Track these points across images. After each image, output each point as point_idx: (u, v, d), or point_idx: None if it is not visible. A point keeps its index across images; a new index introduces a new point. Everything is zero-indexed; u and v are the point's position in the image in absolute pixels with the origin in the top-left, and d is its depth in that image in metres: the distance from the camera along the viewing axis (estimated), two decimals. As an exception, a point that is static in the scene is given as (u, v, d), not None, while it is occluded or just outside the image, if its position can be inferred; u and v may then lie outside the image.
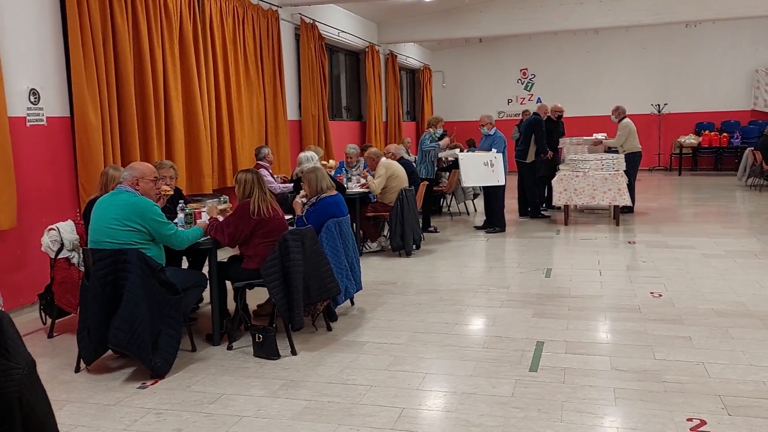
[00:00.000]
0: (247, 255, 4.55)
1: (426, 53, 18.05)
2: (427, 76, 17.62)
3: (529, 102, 17.49)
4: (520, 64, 18.12)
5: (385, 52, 14.69)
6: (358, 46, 13.05)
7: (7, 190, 5.10)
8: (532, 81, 18.11)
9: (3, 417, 2.35)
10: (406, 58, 16.12)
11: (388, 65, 14.70)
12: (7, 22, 5.22)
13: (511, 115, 17.36)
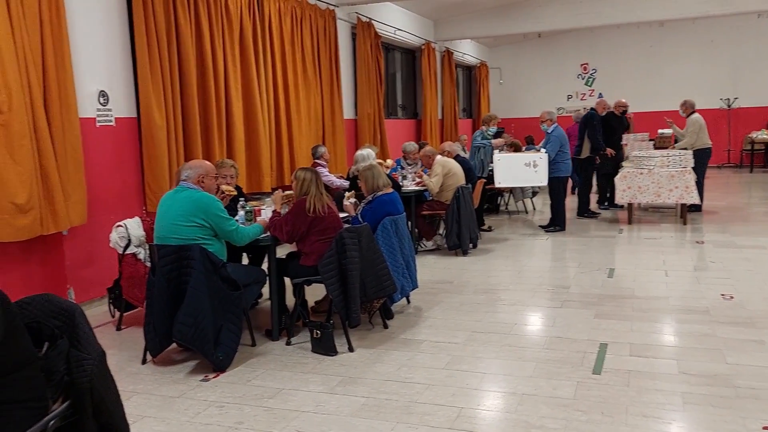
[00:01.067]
0: (305, 252, 4.60)
1: (483, 50, 17.86)
2: (483, 72, 17.44)
3: (590, 98, 17.06)
4: (580, 58, 17.71)
5: (442, 49, 14.61)
6: (414, 43, 13.02)
7: (79, 188, 5.31)
8: (594, 76, 17.67)
9: (76, 405, 2.44)
10: (462, 55, 15.99)
11: (444, 62, 14.62)
12: (79, 28, 5.43)
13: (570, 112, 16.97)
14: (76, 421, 2.45)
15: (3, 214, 4.68)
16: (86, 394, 2.43)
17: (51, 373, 2.43)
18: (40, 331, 2.52)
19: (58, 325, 2.53)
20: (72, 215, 5.25)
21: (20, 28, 4.76)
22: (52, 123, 5.06)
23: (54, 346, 2.48)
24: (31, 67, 4.86)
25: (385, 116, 11.29)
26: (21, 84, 4.76)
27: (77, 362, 2.46)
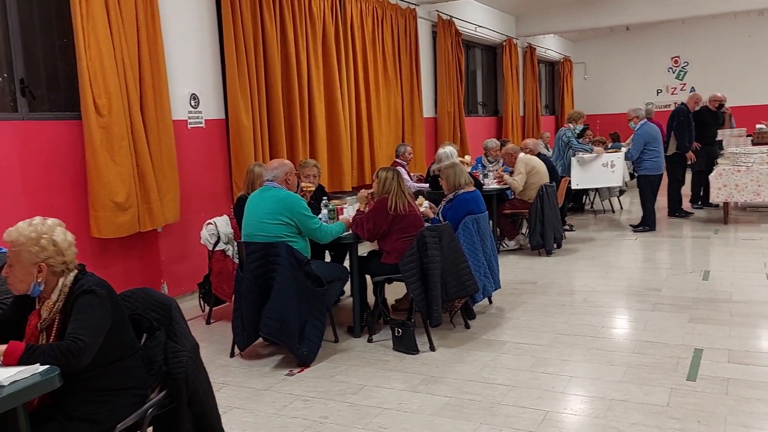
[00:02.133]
0: (386, 250, 4.62)
1: (567, 44, 17.38)
2: (567, 68, 16.98)
3: (682, 92, 16.27)
4: (671, 51, 16.91)
5: (524, 45, 14.33)
6: (495, 40, 12.84)
7: (173, 187, 5.56)
8: (685, 69, 16.84)
9: (172, 394, 2.56)
10: (545, 51, 15.63)
11: (526, 58, 14.33)
12: (172, 33, 5.68)
13: (660, 107, 16.24)
14: (172, 409, 2.57)
15: (105, 212, 4.96)
16: (182, 384, 2.54)
17: (150, 363, 2.56)
18: (140, 323, 2.67)
19: (157, 317, 2.66)
20: (166, 213, 5.51)
21: (119, 35, 5.03)
22: (147, 125, 5.33)
23: (153, 338, 2.62)
24: (129, 73, 5.13)
25: (465, 114, 11.20)
26: (120, 88, 5.03)
27: (173, 353, 2.58)
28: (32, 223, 2.34)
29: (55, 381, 2.07)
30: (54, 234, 2.34)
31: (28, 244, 2.29)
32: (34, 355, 2.11)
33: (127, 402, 2.41)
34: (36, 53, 4.92)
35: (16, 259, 2.30)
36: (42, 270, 2.31)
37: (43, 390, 2.07)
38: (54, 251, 2.31)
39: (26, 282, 2.31)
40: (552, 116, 16.91)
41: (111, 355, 2.35)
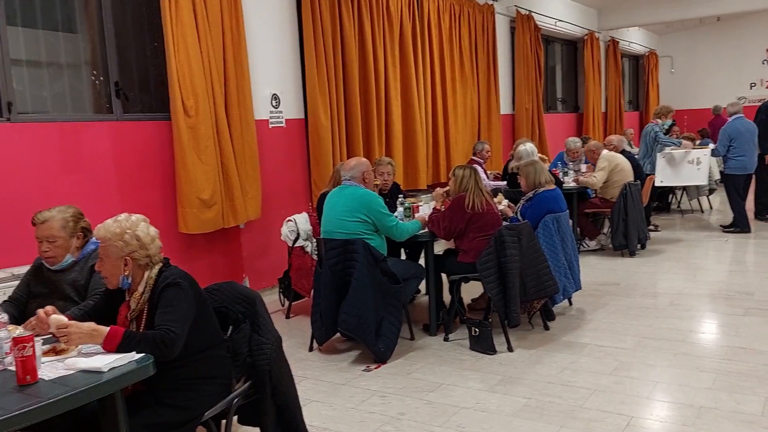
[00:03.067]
0: (463, 249, 4.59)
1: (652, 38, 16.69)
2: (652, 62, 16.31)
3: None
4: (766, 42, 15.92)
5: (606, 39, 13.87)
6: (576, 34, 12.49)
7: (255, 185, 5.74)
8: (782, 61, 15.81)
9: (256, 385, 2.64)
10: (629, 44, 15.07)
11: (608, 53, 13.87)
12: (254, 35, 5.85)
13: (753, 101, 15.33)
14: (256, 399, 2.65)
15: (192, 208, 5.18)
16: (265, 375, 2.62)
17: (235, 355, 2.66)
18: (226, 316, 2.77)
19: (242, 310, 2.76)
20: (249, 210, 5.69)
21: (206, 38, 5.23)
22: (231, 125, 5.51)
23: (238, 330, 2.71)
24: (215, 74, 5.32)
25: (544, 110, 10.96)
26: (206, 90, 5.23)
27: (258, 346, 2.67)
28: (117, 219, 2.48)
29: (149, 369, 2.19)
30: (137, 229, 2.46)
31: (113, 239, 2.42)
32: (132, 342, 2.23)
33: (214, 391, 2.51)
34: (129, 57, 5.18)
35: (105, 254, 2.44)
36: (128, 263, 2.43)
37: (138, 377, 2.18)
38: (137, 245, 2.43)
39: (116, 275, 2.44)
40: (636, 112, 16.29)
41: (196, 346, 2.45)
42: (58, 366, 2.14)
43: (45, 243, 2.89)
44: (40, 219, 2.91)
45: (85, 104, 5.01)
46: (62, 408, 1.94)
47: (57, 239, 2.89)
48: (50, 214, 2.92)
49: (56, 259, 2.91)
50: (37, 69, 4.70)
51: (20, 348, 1.98)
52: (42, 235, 2.89)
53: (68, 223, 2.92)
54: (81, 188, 4.61)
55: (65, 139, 4.58)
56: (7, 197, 4.21)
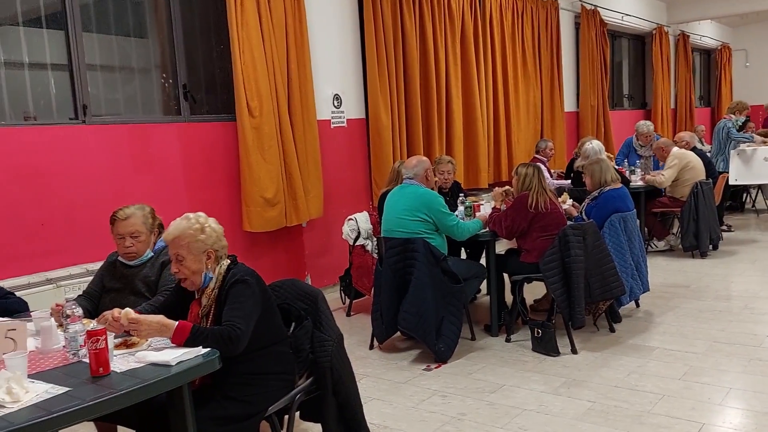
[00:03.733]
0: (525, 249, 4.51)
1: (725, 31, 15.97)
2: (725, 56, 15.60)
3: None
4: None
5: (675, 33, 13.36)
6: (643, 29, 12.09)
7: (317, 184, 5.81)
8: None
9: (318, 382, 2.67)
10: (700, 38, 14.47)
11: (678, 47, 13.36)
12: (317, 36, 5.92)
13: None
14: (317, 396, 2.68)
15: (256, 207, 5.29)
16: (327, 372, 2.65)
17: (298, 351, 2.69)
18: (289, 312, 2.81)
19: (304, 307, 2.79)
20: (311, 209, 5.77)
21: (270, 40, 5.33)
22: (294, 125, 5.60)
23: (300, 326, 2.75)
24: (278, 76, 5.42)
25: (609, 107, 10.66)
26: (270, 91, 5.33)
27: (320, 342, 2.70)
28: (188, 217, 2.54)
29: (215, 363, 2.24)
30: (212, 223, 2.54)
31: (195, 234, 2.48)
32: (199, 337, 2.29)
33: (277, 386, 2.55)
34: (196, 60, 5.34)
35: (187, 252, 2.46)
36: (210, 257, 2.49)
37: (205, 371, 2.23)
38: (217, 237, 2.51)
39: (199, 272, 2.48)
40: (707, 108, 15.63)
41: (261, 341, 2.50)
42: (129, 359, 2.22)
43: (128, 239, 2.94)
44: (122, 216, 2.96)
45: (155, 106, 5.19)
46: (133, 399, 2.00)
47: (140, 234, 2.95)
48: (131, 211, 2.98)
49: (138, 255, 2.97)
50: (111, 73, 4.90)
51: (94, 341, 2.06)
52: (125, 231, 2.94)
53: (148, 219, 3.01)
54: (151, 188, 4.78)
55: (136, 140, 4.75)
56: (82, 197, 4.41)
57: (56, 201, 4.28)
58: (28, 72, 4.39)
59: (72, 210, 4.36)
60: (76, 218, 4.37)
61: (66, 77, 4.47)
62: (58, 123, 4.41)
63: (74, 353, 2.26)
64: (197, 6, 5.33)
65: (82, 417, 1.92)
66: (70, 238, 4.33)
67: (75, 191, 4.37)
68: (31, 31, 4.40)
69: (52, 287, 3.95)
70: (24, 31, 4.37)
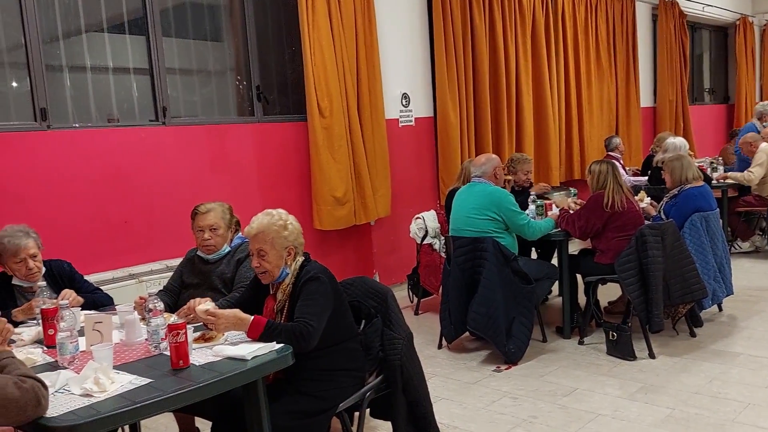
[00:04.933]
0: (600, 249, 4.38)
1: (816, 18, 14.99)
2: (817, 45, 14.63)
3: None
4: None
5: (761, 22, 12.64)
6: (726, 19, 11.50)
7: (385, 183, 5.84)
8: None
9: (388, 380, 2.68)
10: (788, 27, 13.64)
11: (764, 38, 12.63)
12: (386, 36, 5.94)
13: None
14: (387, 394, 2.69)
15: (326, 206, 5.37)
16: (397, 370, 2.65)
17: (368, 349, 2.71)
18: (359, 310, 2.83)
19: (374, 305, 2.81)
20: (379, 208, 5.80)
21: (340, 41, 5.39)
22: (363, 125, 5.64)
23: (370, 324, 2.76)
24: (348, 76, 5.47)
25: (689, 102, 10.21)
26: (340, 91, 5.39)
27: (389, 340, 2.70)
28: (271, 213, 2.59)
29: (288, 359, 2.28)
30: (292, 220, 2.60)
31: (279, 231, 2.53)
32: (273, 333, 2.34)
33: (348, 383, 2.57)
34: (269, 62, 5.47)
35: (270, 247, 2.51)
36: (291, 253, 2.54)
37: (278, 366, 2.28)
38: (297, 234, 2.56)
39: (278, 266, 2.54)
40: (797, 101, 14.70)
41: (333, 338, 2.53)
42: (207, 352, 2.30)
43: (207, 232, 3.07)
44: (203, 209, 3.11)
45: (230, 108, 5.35)
46: (212, 392, 2.07)
47: (219, 228, 3.08)
48: (212, 206, 3.13)
49: (216, 248, 3.09)
50: (188, 76, 5.08)
51: (174, 334, 2.14)
52: (205, 224, 3.07)
53: (226, 215, 3.14)
54: (226, 186, 4.92)
55: (212, 141, 4.91)
56: (161, 195, 4.59)
57: (138, 199, 4.48)
58: (112, 76, 4.61)
59: (152, 208, 4.55)
60: (156, 216, 4.56)
61: (147, 81, 4.67)
62: (140, 124, 4.61)
63: (156, 346, 2.35)
64: (270, 9, 5.45)
65: (163, 408, 2.00)
66: (151, 235, 4.52)
67: (155, 190, 4.56)
68: (115, 37, 4.62)
69: (135, 282, 4.14)
70: (108, 37, 4.59)
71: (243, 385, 2.19)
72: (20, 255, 2.90)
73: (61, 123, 4.24)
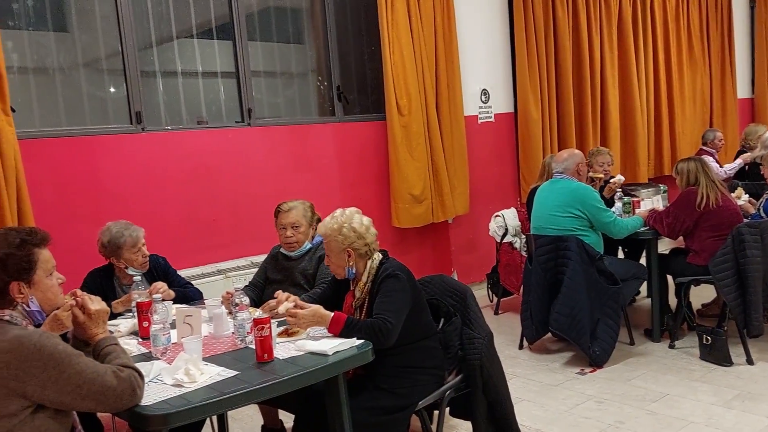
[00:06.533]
0: (694, 249, 4.16)
1: None
2: None
3: None
4: None
5: None
6: (834, 1, 10.67)
7: (463, 181, 5.79)
8: None
9: (468, 380, 2.66)
10: None
11: None
12: (465, 32, 5.88)
13: None
14: (467, 393, 2.67)
15: (404, 204, 5.39)
16: (477, 369, 2.63)
17: (447, 347, 2.70)
18: (438, 308, 2.82)
19: (453, 303, 2.79)
20: (457, 205, 5.76)
21: (419, 39, 5.39)
22: (442, 122, 5.62)
23: (449, 323, 2.75)
24: (427, 73, 5.46)
25: (791, 92, 9.53)
26: (418, 89, 5.39)
27: (469, 340, 2.68)
28: (334, 216, 2.64)
29: (368, 355, 2.31)
30: (352, 222, 2.61)
31: (334, 235, 2.59)
32: (353, 329, 2.38)
33: (427, 381, 2.57)
34: (349, 62, 5.54)
35: (329, 249, 2.62)
36: (350, 255, 2.58)
37: (359, 362, 2.31)
38: (355, 236, 2.58)
39: (342, 267, 2.61)
40: None
41: (411, 335, 2.54)
42: (289, 347, 2.36)
43: (290, 229, 3.19)
44: (285, 208, 3.23)
45: (312, 108, 5.46)
46: (295, 385, 2.12)
47: (300, 226, 3.19)
48: (294, 204, 3.25)
49: (298, 245, 3.20)
50: (272, 78, 5.22)
51: (259, 328, 2.21)
52: (287, 221, 3.19)
53: (308, 213, 3.24)
54: (308, 185, 5.03)
55: (295, 141, 5.03)
56: (247, 194, 4.74)
57: (225, 198, 4.65)
58: (201, 80, 4.81)
59: (238, 206, 4.71)
60: (242, 214, 4.72)
61: (233, 84, 4.83)
62: (227, 126, 4.78)
63: (242, 339, 2.44)
64: (350, 10, 5.52)
65: (250, 399, 2.06)
66: (237, 233, 4.68)
67: (240, 189, 4.72)
68: (204, 43, 4.81)
69: (222, 278, 4.30)
70: (197, 43, 4.79)
71: (324, 379, 2.23)
72: (138, 245, 3.10)
73: (155, 125, 4.46)
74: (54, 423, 1.80)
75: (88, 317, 2.03)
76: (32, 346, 1.73)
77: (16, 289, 1.84)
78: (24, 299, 1.86)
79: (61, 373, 1.74)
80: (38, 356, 1.73)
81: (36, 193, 3.76)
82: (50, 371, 1.73)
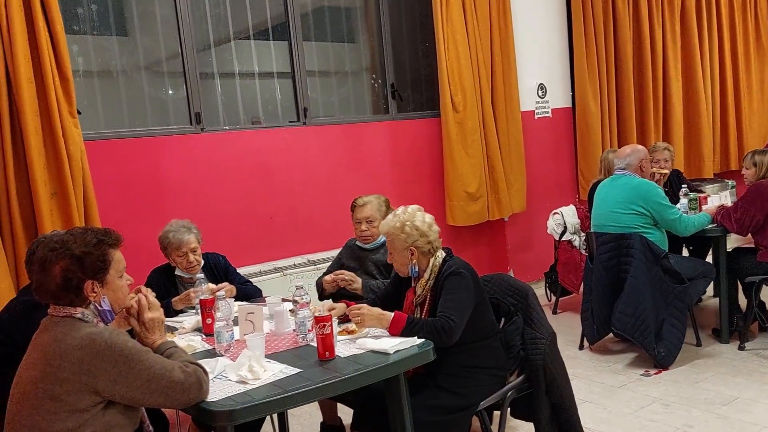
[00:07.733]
0: (763, 246, 3.98)
1: None
2: None
3: None
4: None
5: None
6: None
7: (519, 178, 5.70)
8: None
9: (530, 380, 2.61)
10: None
11: None
12: (521, 26, 5.77)
13: None
14: (530, 394, 2.61)
15: (459, 201, 5.33)
16: (539, 370, 2.57)
17: (508, 347, 2.65)
18: (498, 307, 2.78)
19: (514, 303, 2.74)
20: (513, 203, 5.67)
21: (474, 34, 5.32)
22: (497, 118, 5.53)
23: (511, 322, 2.70)
24: (482, 69, 5.39)
25: None
26: (473, 85, 5.32)
27: (531, 340, 2.63)
28: (396, 214, 2.63)
29: (429, 354, 2.28)
30: (415, 220, 2.59)
31: (396, 233, 2.57)
32: (414, 328, 2.36)
33: (489, 381, 2.53)
34: (403, 60, 5.52)
35: (392, 248, 2.62)
36: (413, 253, 2.56)
37: (420, 361, 2.29)
38: (418, 234, 2.55)
39: (405, 264, 2.60)
40: None
41: (474, 334, 2.50)
42: (350, 345, 2.35)
43: (364, 223, 3.30)
44: (360, 202, 3.34)
45: (366, 106, 5.47)
46: (357, 384, 2.12)
47: (375, 220, 3.27)
48: (369, 199, 3.35)
49: (372, 239, 3.32)
50: (327, 77, 5.25)
51: (321, 326, 2.21)
52: (362, 216, 3.31)
53: (382, 207, 3.32)
54: (363, 183, 5.02)
55: (349, 139, 5.04)
56: (303, 192, 4.78)
57: (281, 196, 4.70)
58: (258, 80, 4.87)
59: (294, 204, 4.75)
60: (298, 212, 4.76)
61: (289, 84, 4.88)
62: (283, 125, 4.83)
63: (303, 337, 2.45)
64: (404, 7, 5.50)
65: (313, 397, 2.07)
66: (293, 231, 4.72)
67: (297, 187, 4.76)
68: (260, 43, 4.87)
69: (279, 275, 4.35)
70: (254, 44, 4.86)
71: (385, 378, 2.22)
72: (182, 249, 3.14)
73: (213, 126, 4.54)
74: (123, 418, 1.84)
75: (141, 324, 2.02)
76: (103, 342, 1.78)
77: (90, 287, 1.89)
78: (96, 298, 1.91)
79: (131, 369, 1.78)
80: (109, 353, 1.77)
81: (101, 193, 3.88)
82: (121, 367, 1.77)
